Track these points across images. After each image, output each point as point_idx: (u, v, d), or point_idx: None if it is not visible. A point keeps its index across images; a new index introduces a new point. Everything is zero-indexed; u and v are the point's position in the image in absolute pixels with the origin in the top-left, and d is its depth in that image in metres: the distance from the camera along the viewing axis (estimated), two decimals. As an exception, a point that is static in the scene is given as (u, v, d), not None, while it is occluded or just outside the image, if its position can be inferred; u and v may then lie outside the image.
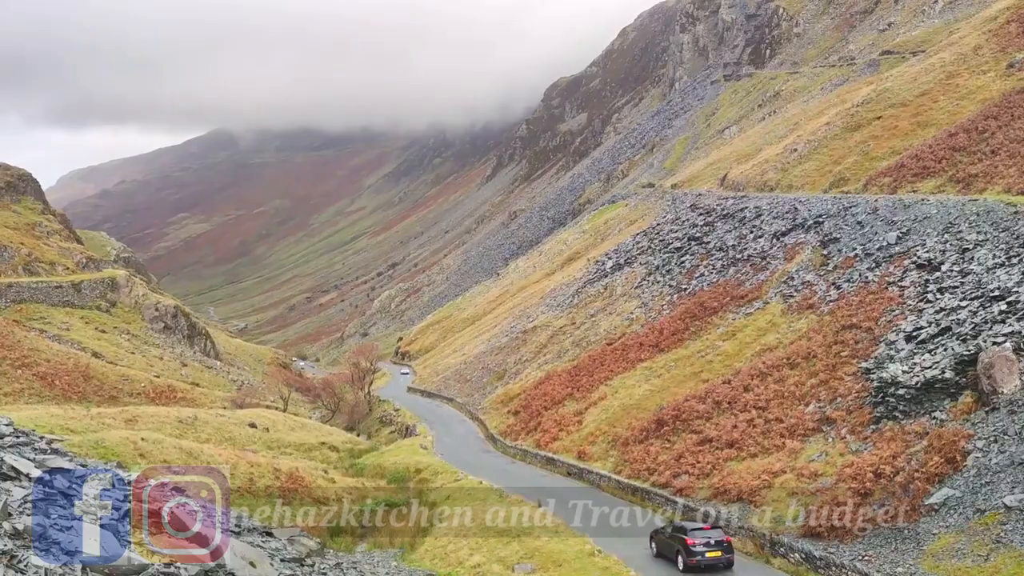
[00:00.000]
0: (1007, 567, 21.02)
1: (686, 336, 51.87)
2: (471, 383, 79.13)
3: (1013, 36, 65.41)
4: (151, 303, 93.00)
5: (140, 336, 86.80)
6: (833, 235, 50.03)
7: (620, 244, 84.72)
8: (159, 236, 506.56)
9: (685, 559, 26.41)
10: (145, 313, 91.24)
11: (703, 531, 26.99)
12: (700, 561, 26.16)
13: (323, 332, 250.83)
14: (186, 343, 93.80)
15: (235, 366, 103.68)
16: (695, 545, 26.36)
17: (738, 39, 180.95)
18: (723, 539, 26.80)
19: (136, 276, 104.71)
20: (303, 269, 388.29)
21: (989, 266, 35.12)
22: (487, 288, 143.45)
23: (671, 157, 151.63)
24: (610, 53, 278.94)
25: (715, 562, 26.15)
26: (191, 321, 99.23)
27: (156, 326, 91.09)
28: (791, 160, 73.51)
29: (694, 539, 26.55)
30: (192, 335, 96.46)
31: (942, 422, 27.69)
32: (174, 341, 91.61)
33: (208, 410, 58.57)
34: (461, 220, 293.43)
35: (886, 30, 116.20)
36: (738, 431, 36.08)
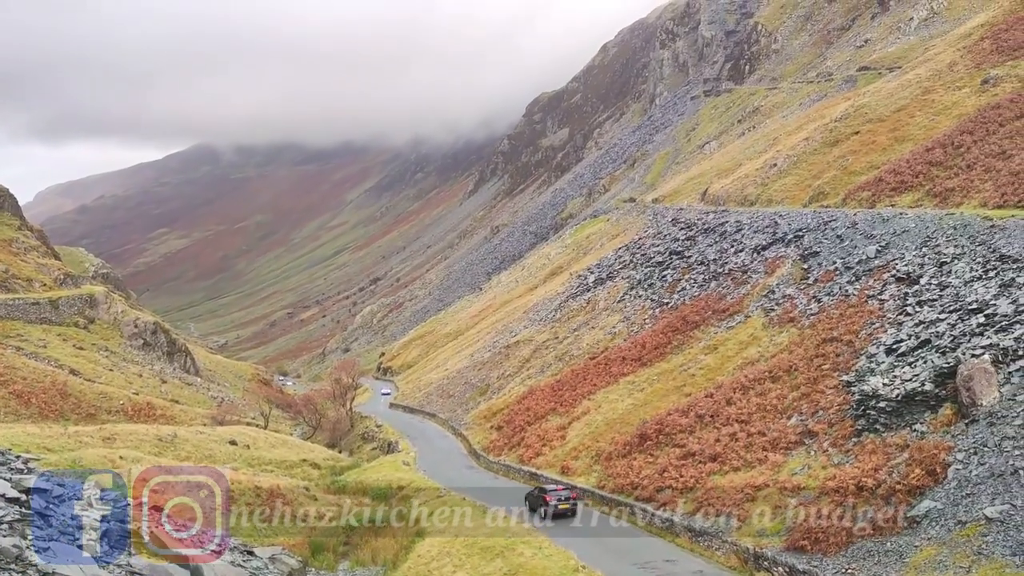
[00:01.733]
0: (989, 579, 21.11)
1: (668, 350, 51.99)
2: (454, 398, 78.88)
3: (987, 53, 66.41)
4: (130, 319, 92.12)
5: (119, 353, 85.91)
6: (813, 249, 50.42)
7: (602, 258, 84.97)
8: (139, 252, 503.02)
9: (546, 509, 36.87)
10: (124, 330, 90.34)
11: (556, 492, 37.88)
12: (555, 510, 36.61)
13: (304, 348, 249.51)
14: (165, 360, 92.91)
15: (215, 383, 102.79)
16: (551, 501, 37.06)
17: (718, 55, 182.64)
18: (570, 496, 37.59)
19: (115, 292, 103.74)
20: (284, 284, 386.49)
21: (967, 279, 35.48)
22: (470, 303, 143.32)
23: (652, 172, 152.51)
24: (591, 69, 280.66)
25: (564, 511, 36.76)
26: (171, 337, 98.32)
27: (135, 343, 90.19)
28: (771, 175, 74.11)
29: (551, 497, 37.34)
30: (172, 351, 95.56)
31: (922, 434, 27.86)
32: (153, 358, 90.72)
33: (188, 427, 58.00)
34: (443, 235, 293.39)
35: (863, 47, 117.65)
36: (721, 445, 36.12)
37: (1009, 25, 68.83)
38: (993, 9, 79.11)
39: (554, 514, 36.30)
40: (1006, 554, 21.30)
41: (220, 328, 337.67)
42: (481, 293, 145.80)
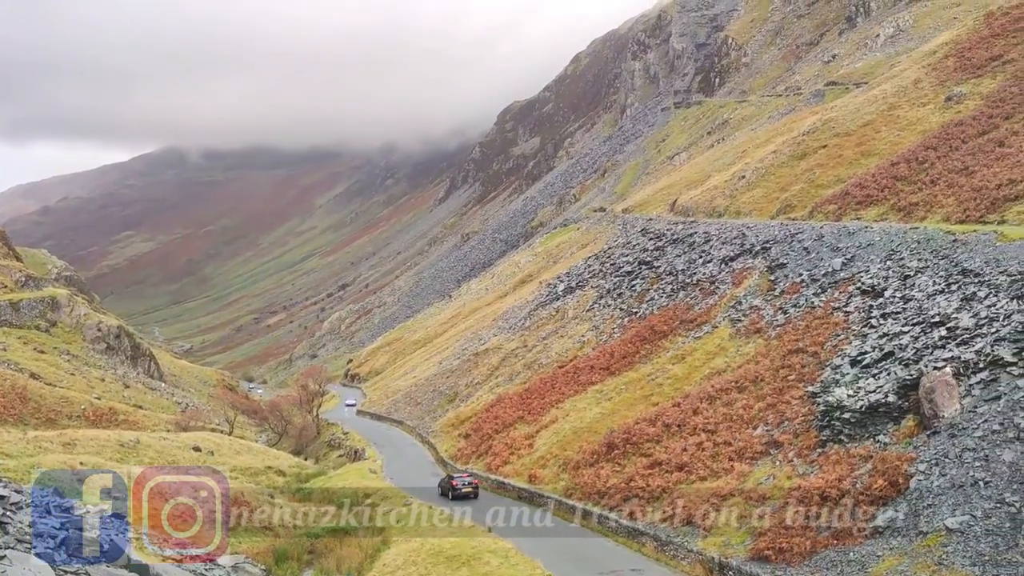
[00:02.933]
0: (949, 588, 21.40)
1: (637, 359, 52.19)
2: (422, 406, 78.53)
3: (951, 71, 67.72)
4: (93, 323, 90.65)
5: (81, 357, 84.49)
6: (780, 261, 50.94)
7: (572, 267, 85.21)
8: (103, 254, 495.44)
9: (453, 492, 43.93)
10: (87, 333, 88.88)
11: (462, 478, 45.47)
12: (459, 493, 43.70)
13: (271, 353, 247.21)
14: (129, 364, 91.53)
15: (180, 388, 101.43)
16: (457, 485, 44.45)
17: (688, 67, 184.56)
18: (473, 483, 44.93)
19: (78, 295, 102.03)
20: (251, 289, 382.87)
21: (930, 292, 36.04)
22: (439, 310, 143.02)
23: (622, 182, 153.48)
24: (563, 78, 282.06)
25: (467, 494, 43.70)
26: (135, 342, 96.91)
27: (98, 347, 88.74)
28: (739, 187, 74.85)
29: (457, 481, 44.89)
30: (135, 356, 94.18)
31: (886, 445, 28.21)
32: (116, 362, 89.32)
33: (151, 433, 57.12)
34: (413, 241, 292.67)
35: (831, 62, 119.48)
36: (688, 454, 36.30)
37: (972, 44, 70.25)
38: (957, 28, 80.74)
39: (459, 496, 43.65)
40: (966, 564, 21.61)
41: (185, 333, 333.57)
42: (451, 300, 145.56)
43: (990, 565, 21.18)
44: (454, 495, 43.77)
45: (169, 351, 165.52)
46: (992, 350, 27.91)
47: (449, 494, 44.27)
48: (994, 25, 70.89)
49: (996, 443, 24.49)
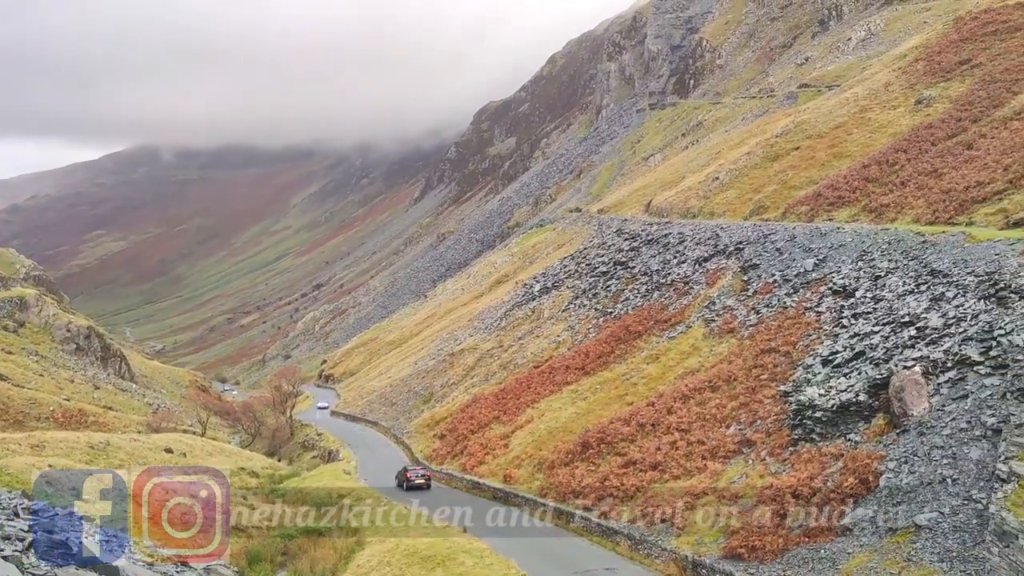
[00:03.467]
0: (917, 585, 21.69)
1: (612, 359, 52.38)
2: (397, 406, 78.28)
3: (921, 74, 68.64)
4: (62, 323, 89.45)
5: (50, 358, 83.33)
6: (753, 261, 51.34)
7: (548, 268, 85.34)
8: (73, 254, 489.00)
9: (406, 483, 48.17)
10: (56, 334, 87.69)
11: (415, 471, 49.73)
12: (412, 484, 47.94)
13: (244, 354, 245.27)
14: (99, 365, 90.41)
15: (151, 389, 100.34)
16: (411, 477, 48.66)
17: (663, 69, 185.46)
18: (426, 475, 49.64)
19: (47, 295, 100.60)
20: (224, 289, 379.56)
21: (900, 293, 36.49)
22: (414, 310, 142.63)
23: (598, 183, 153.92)
24: (539, 79, 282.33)
25: (420, 485, 48.09)
26: (105, 342, 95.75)
27: (67, 347, 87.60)
28: (713, 188, 75.36)
29: (411, 474, 49.11)
30: (106, 357, 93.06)
31: (856, 444, 28.52)
32: (86, 363, 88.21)
33: (122, 435, 56.44)
34: (389, 241, 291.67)
35: (804, 64, 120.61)
36: (661, 453, 36.48)
37: (942, 48, 71.26)
38: (927, 32, 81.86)
39: (413, 487, 47.93)
40: (934, 560, 21.91)
41: (157, 333, 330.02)
42: (426, 301, 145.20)
43: (958, 561, 21.48)
44: (408, 486, 48.17)
45: (140, 352, 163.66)
46: (960, 349, 28.32)
47: (404, 485, 48.54)
48: (963, 30, 71.96)
49: (963, 441, 24.85)
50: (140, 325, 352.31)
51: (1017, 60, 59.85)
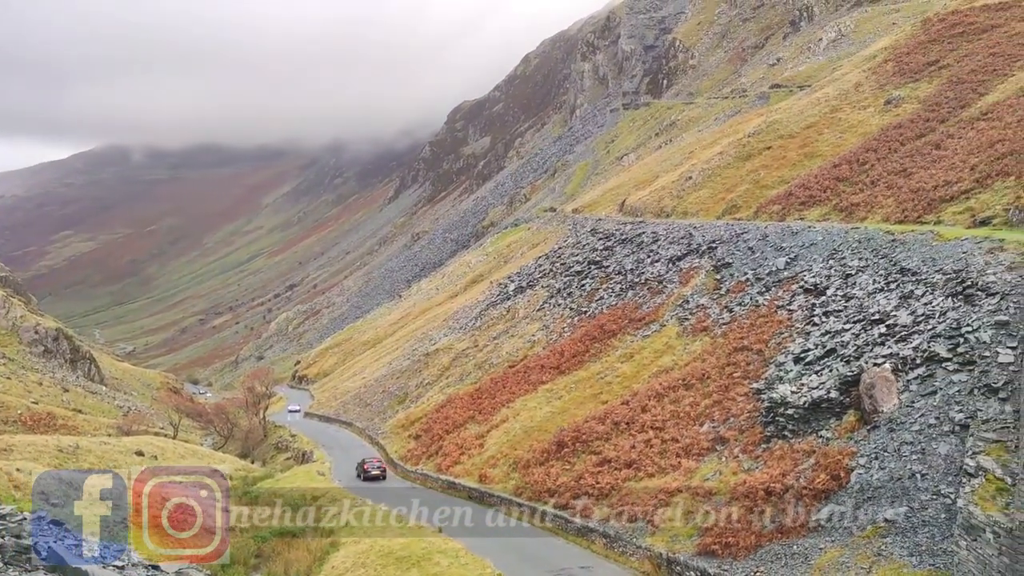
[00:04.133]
0: (888, 579, 21.95)
1: (586, 358, 52.50)
2: (371, 407, 77.92)
3: (890, 74, 69.52)
4: (30, 325, 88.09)
5: (17, 360, 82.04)
6: (726, 260, 51.70)
7: (523, 267, 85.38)
8: (40, 254, 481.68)
9: (363, 475, 52.46)
10: (23, 336, 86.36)
11: (372, 462, 54.03)
12: (369, 475, 52.21)
13: (216, 355, 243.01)
14: (68, 367, 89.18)
15: (122, 391, 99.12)
16: (367, 468, 52.80)
17: (637, 69, 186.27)
18: (381, 466, 53.77)
19: (14, 296, 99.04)
20: (196, 290, 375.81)
21: (870, 291, 36.91)
22: (389, 310, 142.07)
23: (572, 182, 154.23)
24: (513, 78, 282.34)
25: (376, 476, 52.25)
26: (74, 344, 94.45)
27: (35, 349, 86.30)
28: (686, 187, 75.79)
29: (368, 466, 53.21)
30: (75, 359, 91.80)
31: (828, 440, 28.80)
32: (55, 365, 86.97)
33: (92, 438, 55.74)
34: (363, 241, 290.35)
35: (775, 65, 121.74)
36: (636, 451, 36.63)
37: (910, 49, 72.23)
38: (896, 33, 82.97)
39: (369, 477, 52.16)
40: (904, 555, 22.18)
41: (128, 335, 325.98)
42: (400, 301, 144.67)
43: (927, 555, 21.77)
44: (365, 477, 52.31)
45: (111, 354, 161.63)
46: (929, 346, 28.69)
47: (361, 476, 52.76)
48: (931, 31, 73.00)
49: (932, 436, 25.18)
50: (110, 327, 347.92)
51: (983, 61, 60.82)
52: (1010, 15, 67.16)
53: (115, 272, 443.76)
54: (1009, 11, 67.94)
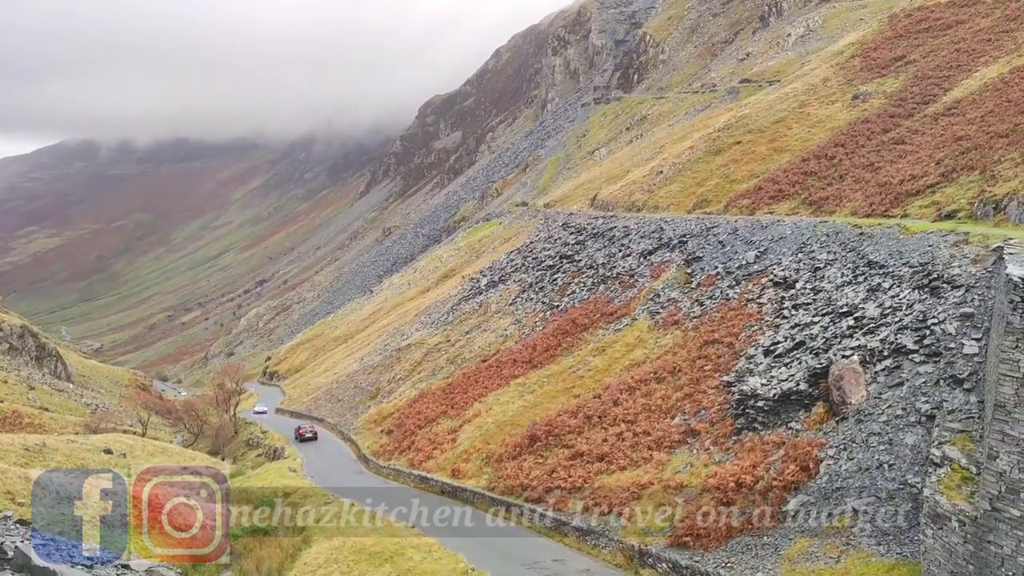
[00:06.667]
0: (856, 567, 22.27)
1: (559, 352, 52.61)
2: (343, 403, 77.52)
3: (857, 70, 70.29)
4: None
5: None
6: (696, 254, 52.03)
7: (494, 262, 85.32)
8: (4, 250, 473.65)
9: (298, 438, 65.13)
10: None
11: (305, 427, 67.35)
12: (304, 437, 65.16)
13: (186, 352, 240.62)
14: (34, 365, 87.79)
15: (89, 389, 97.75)
16: (302, 432, 65.95)
17: (607, 63, 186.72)
18: (312, 429, 67.18)
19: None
20: (165, 286, 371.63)
21: (838, 284, 37.33)
22: (360, 306, 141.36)
23: (544, 177, 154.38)
24: (484, 73, 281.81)
25: (310, 438, 65.25)
26: (40, 341, 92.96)
27: (0, 347, 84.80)
28: (657, 182, 76.14)
29: (302, 430, 66.63)
30: (41, 356, 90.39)
31: (797, 432, 29.13)
32: (20, 363, 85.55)
33: (58, 436, 54.82)
34: (334, 236, 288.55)
35: (745, 60, 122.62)
36: (608, 445, 36.78)
37: (877, 44, 73.09)
38: (863, 29, 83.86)
39: (304, 439, 64.77)
40: (872, 544, 22.53)
41: (95, 332, 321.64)
42: (372, 296, 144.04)
43: (894, 544, 22.12)
44: (300, 439, 64.64)
45: (78, 351, 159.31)
46: (896, 338, 29.09)
47: (298, 439, 64.96)
48: (897, 27, 73.91)
49: (899, 427, 25.56)
50: (77, 324, 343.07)
51: (948, 57, 61.69)
52: (974, 11, 68.15)
53: (82, 268, 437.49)
54: (973, 7, 68.94)
